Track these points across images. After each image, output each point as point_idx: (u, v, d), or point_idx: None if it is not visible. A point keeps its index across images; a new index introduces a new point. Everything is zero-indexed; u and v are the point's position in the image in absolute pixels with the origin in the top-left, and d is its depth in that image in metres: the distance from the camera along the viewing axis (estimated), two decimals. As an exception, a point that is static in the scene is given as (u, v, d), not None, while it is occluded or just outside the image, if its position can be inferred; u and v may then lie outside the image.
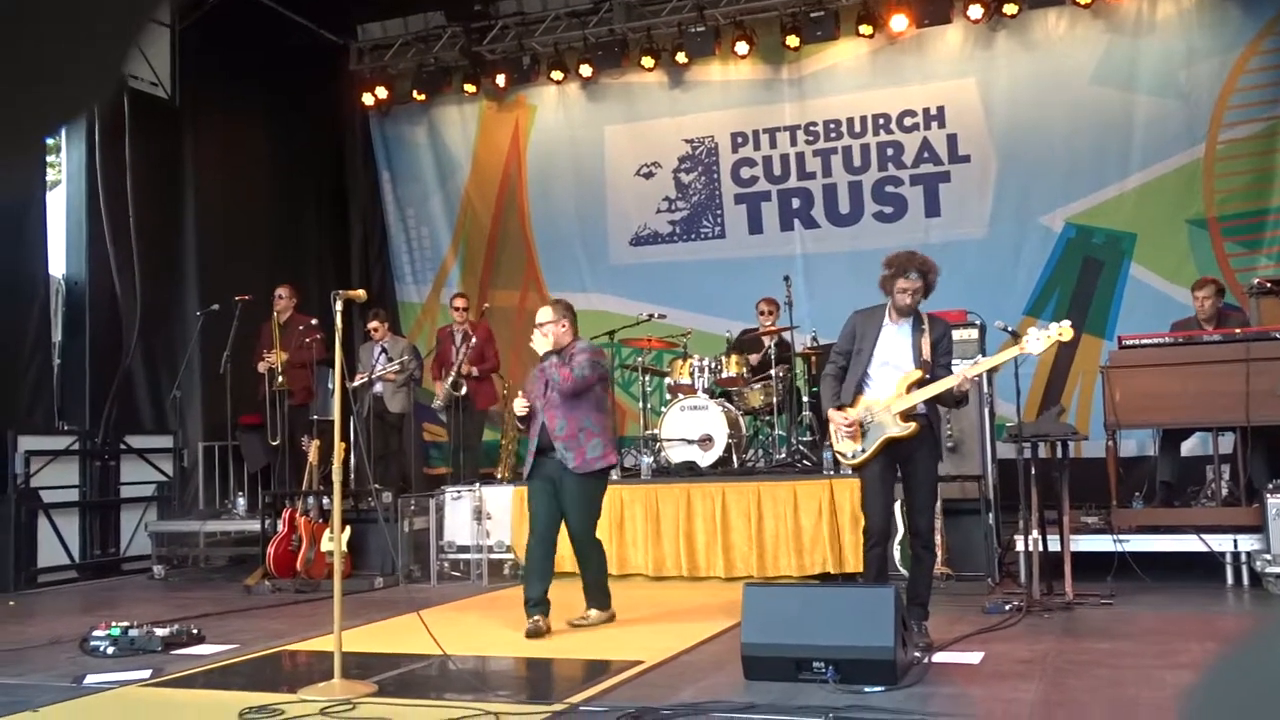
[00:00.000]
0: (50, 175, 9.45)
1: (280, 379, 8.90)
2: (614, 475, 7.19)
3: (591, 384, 5.68)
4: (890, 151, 10.30)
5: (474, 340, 9.07)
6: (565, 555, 6.03)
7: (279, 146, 11.10)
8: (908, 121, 10.25)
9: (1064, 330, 4.87)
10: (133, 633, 5.48)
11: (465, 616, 6.37)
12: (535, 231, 11.58)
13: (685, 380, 8.38)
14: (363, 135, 12.17)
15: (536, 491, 5.78)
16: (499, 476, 8.72)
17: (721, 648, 5.14)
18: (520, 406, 5.82)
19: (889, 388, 4.98)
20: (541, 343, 5.73)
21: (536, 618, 5.65)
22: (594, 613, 5.93)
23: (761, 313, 8.91)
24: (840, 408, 5.06)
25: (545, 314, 5.82)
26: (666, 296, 10.32)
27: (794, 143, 10.63)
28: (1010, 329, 5.93)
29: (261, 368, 9.06)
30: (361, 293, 4.96)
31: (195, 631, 5.73)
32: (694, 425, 8.08)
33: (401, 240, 12.12)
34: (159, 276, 9.63)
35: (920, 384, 4.91)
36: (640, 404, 8.74)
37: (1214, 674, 0.57)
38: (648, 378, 8.92)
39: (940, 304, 5.64)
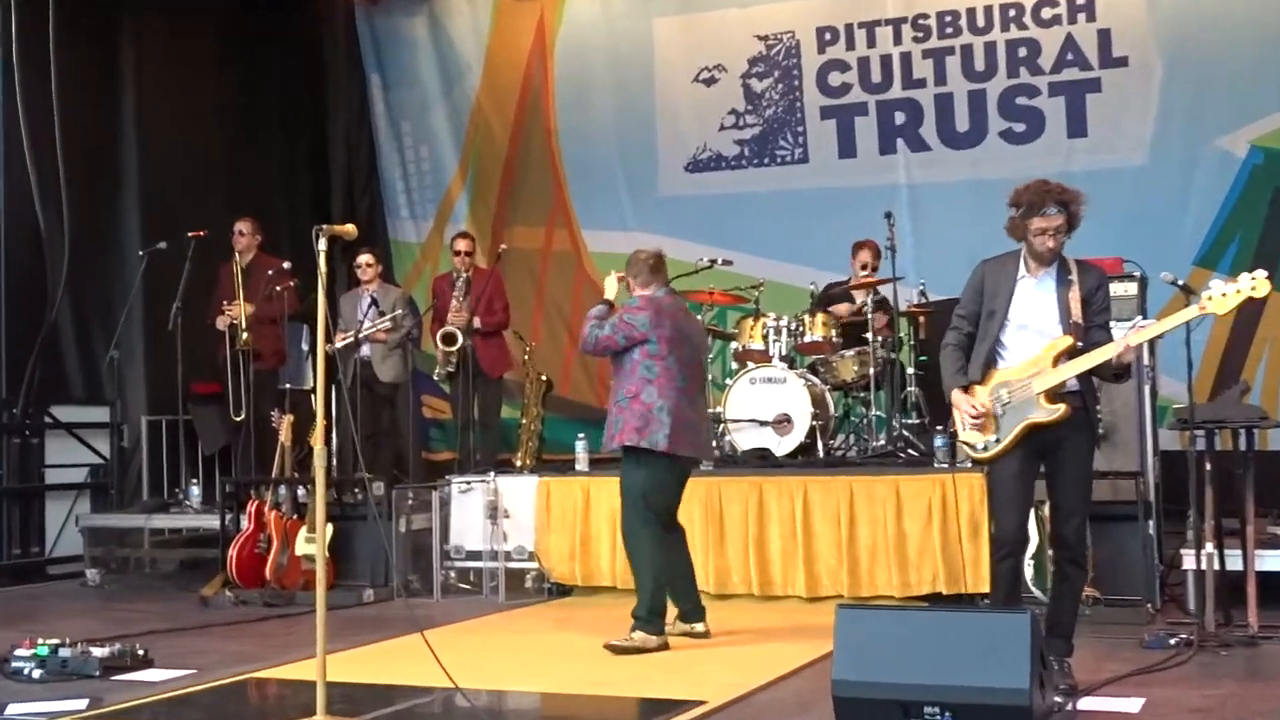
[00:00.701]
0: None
1: (244, 337, 8.95)
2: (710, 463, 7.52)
3: (610, 347, 6.04)
4: (1023, 52, 10.16)
5: (464, 278, 9.01)
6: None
7: (242, 45, 11.10)
8: (1046, 13, 10.10)
9: (1258, 283, 4.77)
10: (64, 653, 5.55)
11: (478, 640, 6.41)
12: (564, 153, 11.55)
13: (757, 345, 8.36)
14: (346, 30, 12.15)
15: None
16: (518, 464, 8.74)
17: (805, 685, 5.14)
18: None
19: (1030, 359, 4.89)
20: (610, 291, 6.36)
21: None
22: (638, 635, 5.93)
23: (860, 261, 8.80)
24: (967, 388, 5.01)
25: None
26: (732, 237, 10.24)
27: (898, 40, 10.50)
28: (1180, 282, 5.87)
29: (220, 323, 9.11)
30: (351, 228, 4.91)
31: (141, 653, 5.79)
32: (768, 403, 8.05)
33: (395, 162, 12.12)
34: (92, 206, 9.69)
35: (1071, 353, 4.84)
36: (698, 374, 8.71)
37: None
38: (709, 341, 8.87)
39: (1089, 249, 5.57)
